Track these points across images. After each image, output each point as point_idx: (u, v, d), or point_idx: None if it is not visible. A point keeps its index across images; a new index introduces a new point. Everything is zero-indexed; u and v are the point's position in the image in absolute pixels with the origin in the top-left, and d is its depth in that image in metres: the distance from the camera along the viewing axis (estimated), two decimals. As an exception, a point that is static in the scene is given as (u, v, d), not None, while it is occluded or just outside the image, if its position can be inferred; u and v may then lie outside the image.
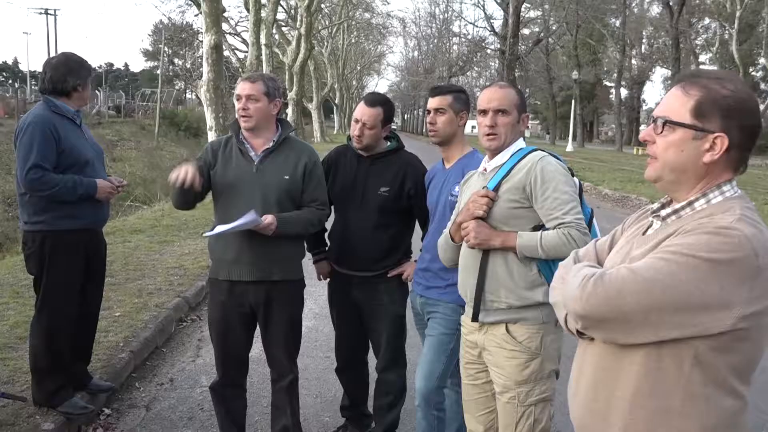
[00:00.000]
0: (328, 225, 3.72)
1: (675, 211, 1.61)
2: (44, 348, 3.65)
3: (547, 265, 2.54)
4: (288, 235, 3.28)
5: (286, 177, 3.30)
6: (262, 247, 3.23)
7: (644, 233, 1.70)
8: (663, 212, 1.64)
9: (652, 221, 1.70)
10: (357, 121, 3.43)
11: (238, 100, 3.28)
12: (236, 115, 3.32)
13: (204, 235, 3.20)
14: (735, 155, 1.56)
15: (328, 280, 3.76)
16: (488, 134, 2.67)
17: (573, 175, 2.65)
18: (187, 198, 3.27)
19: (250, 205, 3.19)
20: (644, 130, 1.67)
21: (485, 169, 2.75)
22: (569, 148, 38.50)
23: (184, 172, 3.11)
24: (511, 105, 2.67)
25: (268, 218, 3.14)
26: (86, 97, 3.76)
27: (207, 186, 3.34)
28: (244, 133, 3.35)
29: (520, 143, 2.73)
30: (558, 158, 2.66)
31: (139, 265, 7.24)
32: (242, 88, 3.28)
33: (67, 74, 3.63)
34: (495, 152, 2.71)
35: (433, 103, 3.18)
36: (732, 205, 1.54)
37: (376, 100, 3.49)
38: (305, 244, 3.59)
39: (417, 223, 3.63)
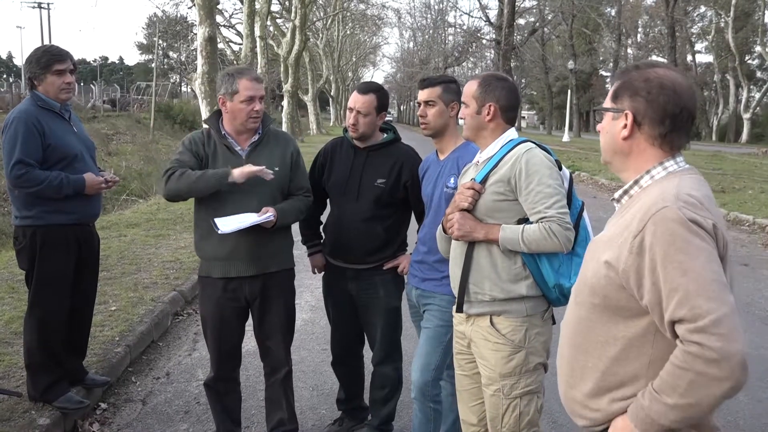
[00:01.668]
0: (323, 217, 3.70)
1: (625, 192, 1.77)
2: (37, 343, 3.64)
3: (531, 259, 2.54)
4: (283, 226, 3.29)
5: (277, 168, 3.29)
6: (257, 241, 3.23)
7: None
8: (616, 194, 1.80)
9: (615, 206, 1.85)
10: (351, 109, 3.41)
11: (251, 101, 3.20)
12: (245, 117, 3.22)
13: (220, 232, 3.09)
14: (652, 130, 1.70)
15: (323, 273, 3.75)
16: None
17: (561, 168, 2.64)
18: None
19: (245, 201, 3.19)
20: None
21: (478, 161, 2.75)
22: (566, 138, 38.41)
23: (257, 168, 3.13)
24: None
25: (270, 211, 3.15)
26: (50, 90, 3.56)
27: None
28: (227, 128, 3.31)
29: (510, 134, 2.72)
30: (547, 150, 2.65)
31: (135, 259, 7.23)
32: (257, 89, 3.22)
33: (27, 68, 3.62)
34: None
35: (422, 95, 3.16)
36: (673, 178, 1.67)
37: (368, 87, 3.47)
38: (301, 237, 3.58)
39: (413, 216, 3.61)
